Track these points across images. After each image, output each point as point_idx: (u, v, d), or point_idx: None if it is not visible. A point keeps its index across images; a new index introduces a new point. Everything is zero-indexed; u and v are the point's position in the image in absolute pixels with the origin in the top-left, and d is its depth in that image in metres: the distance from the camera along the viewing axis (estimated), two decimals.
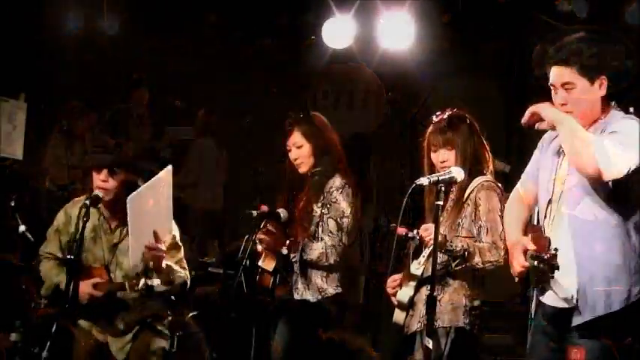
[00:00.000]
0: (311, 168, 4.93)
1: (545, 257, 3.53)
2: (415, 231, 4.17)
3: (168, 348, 4.67)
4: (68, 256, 4.39)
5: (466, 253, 4.12)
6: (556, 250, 3.54)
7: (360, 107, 7.11)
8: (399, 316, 4.37)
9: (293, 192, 5.01)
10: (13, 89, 6.65)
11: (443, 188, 3.84)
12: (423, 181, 3.89)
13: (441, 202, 3.85)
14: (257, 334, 4.86)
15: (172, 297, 4.69)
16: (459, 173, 3.95)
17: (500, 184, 4.37)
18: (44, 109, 6.78)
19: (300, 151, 4.93)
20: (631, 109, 3.54)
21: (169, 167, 4.37)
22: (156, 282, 4.37)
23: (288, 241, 4.80)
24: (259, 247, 4.87)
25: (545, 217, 3.78)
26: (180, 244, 4.73)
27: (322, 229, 4.82)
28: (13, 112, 6.62)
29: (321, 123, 5.02)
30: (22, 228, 5.66)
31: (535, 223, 3.88)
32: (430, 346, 3.71)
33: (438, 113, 4.48)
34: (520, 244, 3.71)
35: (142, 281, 4.35)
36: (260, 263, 4.89)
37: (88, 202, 4.36)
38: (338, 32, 6.56)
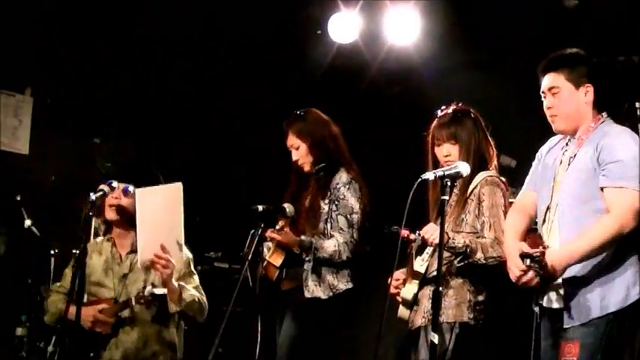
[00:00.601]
0: (313, 165, 4.90)
1: (535, 255, 3.57)
2: (417, 232, 4.17)
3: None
4: (74, 251, 4.36)
5: (468, 249, 4.11)
6: (544, 247, 3.58)
7: None
8: (403, 312, 4.37)
9: (299, 189, 5.00)
10: (19, 84, 6.66)
11: (449, 183, 3.84)
12: (429, 175, 3.88)
13: (447, 197, 3.84)
14: (263, 329, 4.85)
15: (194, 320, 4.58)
16: (465, 168, 3.94)
17: (504, 179, 4.37)
18: (50, 103, 6.78)
19: (298, 152, 4.92)
20: (637, 104, 3.56)
21: (179, 184, 4.26)
22: (161, 291, 4.30)
23: (299, 239, 4.77)
24: (268, 245, 4.86)
25: (544, 222, 3.86)
26: (195, 271, 4.64)
27: (332, 226, 4.80)
28: (18, 106, 6.63)
29: (316, 118, 4.97)
30: (27, 223, 5.67)
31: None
32: (436, 341, 3.70)
33: (442, 107, 4.47)
34: (516, 247, 3.77)
35: (148, 288, 4.29)
36: (267, 258, 4.89)
37: (93, 197, 4.26)
38: (344, 27, 6.55)
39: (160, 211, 4.25)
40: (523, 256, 3.63)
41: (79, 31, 6.65)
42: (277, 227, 4.74)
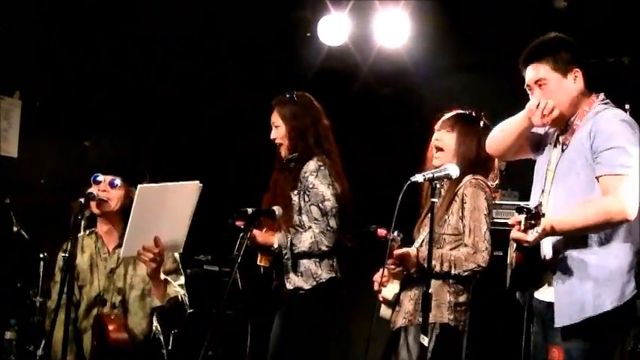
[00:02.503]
0: (288, 152, 4.85)
1: (531, 207, 3.46)
2: (396, 232, 4.16)
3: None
4: (62, 255, 4.26)
5: (442, 271, 4.13)
6: (540, 202, 3.54)
7: None
8: (385, 311, 4.37)
9: (279, 178, 4.94)
10: (7, 87, 6.64)
11: (438, 185, 3.82)
12: (418, 178, 3.85)
13: (436, 200, 3.81)
14: (252, 331, 4.84)
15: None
16: (454, 170, 3.92)
17: (490, 183, 4.36)
18: (39, 106, 6.77)
19: (277, 130, 4.85)
20: (627, 106, 3.53)
21: (198, 183, 4.06)
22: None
23: (276, 235, 4.71)
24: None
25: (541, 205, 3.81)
26: (182, 271, 4.47)
27: (308, 218, 4.73)
28: (7, 109, 6.62)
29: (307, 105, 4.89)
30: (15, 229, 5.66)
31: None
32: (425, 342, 3.68)
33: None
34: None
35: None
36: (258, 262, 4.86)
37: (82, 200, 4.19)
38: (334, 29, 6.55)
39: (162, 207, 4.04)
40: (519, 209, 3.48)
41: (68, 33, 6.64)
42: (247, 235, 4.61)
